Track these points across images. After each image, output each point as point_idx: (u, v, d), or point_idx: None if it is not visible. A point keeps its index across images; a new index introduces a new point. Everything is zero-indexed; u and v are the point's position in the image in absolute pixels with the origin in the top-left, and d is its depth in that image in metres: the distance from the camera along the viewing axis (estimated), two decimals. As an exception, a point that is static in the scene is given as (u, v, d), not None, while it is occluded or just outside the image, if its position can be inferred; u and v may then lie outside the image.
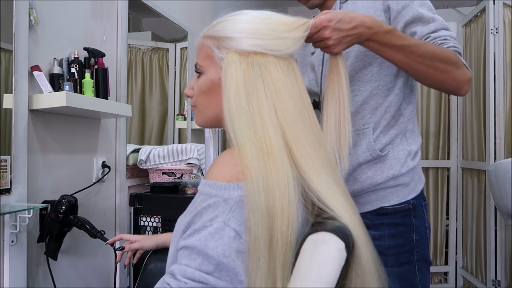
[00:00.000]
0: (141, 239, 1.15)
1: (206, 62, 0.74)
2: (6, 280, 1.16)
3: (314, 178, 0.66)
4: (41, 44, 1.31)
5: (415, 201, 1.04)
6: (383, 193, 1.03)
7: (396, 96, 1.03)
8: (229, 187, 0.62)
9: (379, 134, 1.03)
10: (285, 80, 0.69)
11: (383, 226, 1.02)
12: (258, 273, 0.59)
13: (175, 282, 0.60)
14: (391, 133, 1.03)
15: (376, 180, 1.03)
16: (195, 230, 0.62)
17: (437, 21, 0.97)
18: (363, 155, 1.03)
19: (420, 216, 1.04)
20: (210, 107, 0.75)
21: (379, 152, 1.02)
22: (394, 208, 1.03)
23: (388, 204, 1.03)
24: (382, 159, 1.03)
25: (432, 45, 0.92)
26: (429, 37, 0.95)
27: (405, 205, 1.03)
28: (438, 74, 0.92)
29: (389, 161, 1.03)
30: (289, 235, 0.61)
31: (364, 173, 1.04)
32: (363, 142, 1.04)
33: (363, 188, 1.04)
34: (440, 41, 0.95)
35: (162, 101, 2.29)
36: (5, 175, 1.14)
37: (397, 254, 1.01)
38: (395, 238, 1.02)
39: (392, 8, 1.00)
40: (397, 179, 1.02)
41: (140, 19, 2.19)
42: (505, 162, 2.04)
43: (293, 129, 0.67)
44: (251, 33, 0.70)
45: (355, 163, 1.04)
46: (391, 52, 0.88)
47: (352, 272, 0.66)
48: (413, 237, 1.03)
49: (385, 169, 1.03)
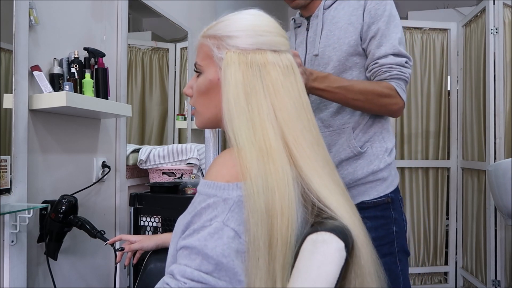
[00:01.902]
0: (141, 239, 1.15)
1: (206, 62, 0.74)
2: (6, 280, 1.16)
3: (314, 178, 0.66)
4: (41, 44, 1.31)
5: (393, 195, 1.11)
6: (363, 188, 1.11)
7: None
8: (228, 187, 0.62)
9: (358, 133, 1.12)
10: (284, 81, 0.70)
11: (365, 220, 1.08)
12: (258, 273, 0.59)
13: (174, 282, 0.60)
14: (370, 131, 1.13)
15: (357, 176, 1.10)
16: (194, 230, 0.62)
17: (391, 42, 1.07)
18: (344, 152, 1.12)
19: (398, 209, 1.12)
20: (209, 107, 0.75)
21: (359, 148, 1.10)
22: (374, 201, 1.10)
23: (369, 198, 1.10)
24: (362, 155, 1.11)
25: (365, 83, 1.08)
26: (376, 63, 1.08)
27: (384, 199, 1.10)
28: (372, 106, 1.08)
29: (368, 157, 1.11)
30: (288, 236, 0.61)
31: (345, 169, 1.11)
32: (343, 140, 1.12)
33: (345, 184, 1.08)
34: (385, 68, 1.07)
35: (162, 101, 2.29)
36: (5, 175, 1.14)
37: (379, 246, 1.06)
38: (376, 230, 1.05)
39: (364, 21, 1.10)
40: (376, 174, 1.10)
41: (140, 19, 2.19)
42: (505, 162, 2.04)
43: (292, 130, 0.67)
44: (251, 31, 0.70)
45: (337, 160, 1.12)
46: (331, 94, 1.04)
47: (352, 273, 0.66)
48: (393, 228, 1.10)
49: (365, 165, 1.11)
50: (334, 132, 1.14)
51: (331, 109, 1.14)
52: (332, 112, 1.14)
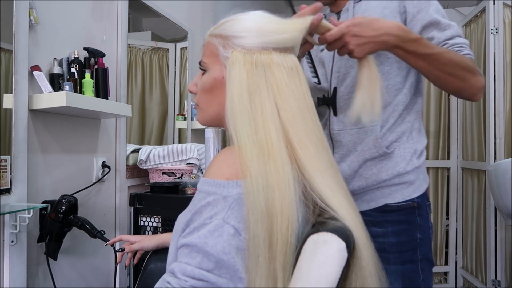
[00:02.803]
0: (141, 239, 1.15)
1: (211, 60, 0.74)
2: (6, 280, 1.15)
3: (318, 178, 0.66)
4: (41, 44, 1.31)
5: (419, 200, 1.04)
6: (388, 190, 1.04)
7: (404, 96, 1.04)
8: (228, 185, 0.62)
9: (386, 132, 1.04)
10: (289, 82, 0.70)
11: (387, 223, 1.03)
12: (258, 271, 0.59)
13: (175, 281, 0.60)
14: (398, 131, 1.04)
15: (381, 177, 1.03)
16: (194, 228, 0.62)
17: (453, 28, 0.99)
18: (369, 152, 1.04)
19: (424, 215, 1.04)
20: (212, 105, 0.75)
21: (385, 149, 1.03)
22: (398, 205, 1.03)
23: (393, 201, 1.03)
24: (387, 156, 1.03)
25: (454, 53, 0.94)
26: (447, 43, 0.97)
27: (409, 203, 1.03)
28: (457, 81, 0.95)
29: (395, 159, 1.03)
30: (289, 236, 0.61)
31: (369, 170, 1.05)
32: (370, 139, 1.04)
33: (368, 185, 1.04)
34: (456, 48, 0.97)
35: (162, 101, 2.29)
36: (5, 175, 1.14)
37: (400, 252, 1.01)
38: (398, 236, 1.02)
39: (408, 11, 1.02)
40: (402, 176, 1.03)
41: (140, 19, 2.19)
42: (505, 162, 2.04)
43: (297, 130, 0.68)
44: (258, 31, 0.71)
45: (361, 159, 1.05)
46: (416, 60, 0.91)
47: (353, 274, 0.66)
48: (417, 235, 1.03)
49: (390, 166, 1.03)
50: (361, 130, 1.06)
51: None
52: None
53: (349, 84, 1.06)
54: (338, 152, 1.09)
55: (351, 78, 1.05)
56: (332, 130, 1.10)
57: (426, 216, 1.05)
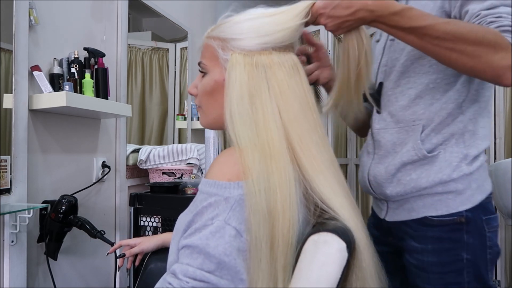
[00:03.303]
0: (140, 242, 1.15)
1: (211, 63, 0.74)
2: (6, 280, 1.15)
3: (318, 179, 0.66)
4: (41, 44, 1.31)
5: (469, 214, 0.88)
6: (430, 200, 0.91)
7: (457, 92, 0.90)
8: (230, 186, 0.62)
9: (430, 132, 0.91)
10: (290, 81, 0.70)
11: (427, 240, 0.91)
12: (260, 275, 0.59)
13: (176, 282, 0.60)
14: (445, 132, 0.90)
15: (420, 184, 0.91)
16: (196, 229, 0.62)
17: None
18: (407, 154, 0.92)
19: (477, 232, 0.89)
20: (214, 108, 0.74)
21: (426, 152, 0.90)
22: (440, 220, 0.90)
23: (435, 213, 0.90)
24: (429, 160, 0.90)
25: (458, 25, 0.77)
26: (479, 15, 0.80)
27: (455, 218, 0.89)
28: (465, 59, 0.76)
29: (438, 164, 0.90)
30: (290, 237, 0.61)
31: (408, 175, 0.93)
32: (410, 139, 0.93)
33: (407, 192, 0.93)
34: (490, 19, 0.78)
35: (162, 101, 2.29)
36: (5, 175, 1.14)
37: (442, 273, 0.90)
38: (440, 255, 0.90)
39: None
40: (446, 185, 0.89)
41: (140, 19, 2.19)
42: (505, 162, 2.03)
43: (298, 130, 0.67)
44: (255, 32, 0.70)
45: (398, 162, 0.93)
46: (404, 35, 0.79)
47: (353, 275, 0.65)
48: (463, 255, 0.88)
49: (432, 172, 0.90)
50: (402, 129, 0.94)
51: (402, 102, 0.95)
52: (403, 105, 0.95)
53: (393, 79, 0.96)
54: (378, 153, 1.00)
55: (396, 73, 0.96)
56: (374, 129, 1.01)
57: (482, 234, 0.89)
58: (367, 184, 1.02)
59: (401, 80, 0.95)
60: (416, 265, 0.93)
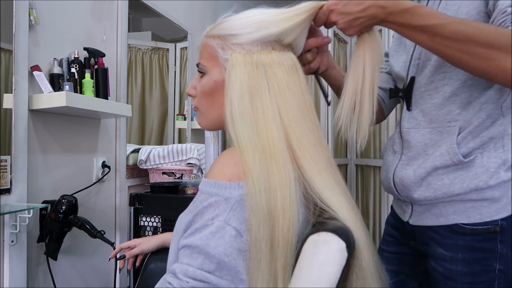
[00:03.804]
0: (140, 242, 1.14)
1: (210, 63, 0.73)
2: (6, 280, 1.15)
3: (317, 179, 0.66)
4: (41, 44, 1.31)
5: (504, 223, 0.83)
6: (462, 207, 0.85)
7: (499, 91, 0.83)
8: (230, 186, 0.62)
9: (467, 135, 0.84)
10: (289, 81, 0.69)
11: (457, 248, 0.86)
12: (260, 275, 0.59)
13: (176, 281, 0.60)
14: (484, 135, 0.84)
15: (453, 190, 0.85)
16: (196, 229, 0.62)
17: None
18: (441, 158, 0.85)
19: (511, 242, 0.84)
20: (213, 108, 0.74)
21: (462, 157, 0.83)
22: (473, 228, 0.84)
23: (467, 221, 0.84)
24: (465, 165, 0.84)
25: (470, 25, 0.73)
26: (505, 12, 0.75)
27: (489, 226, 0.83)
28: (475, 60, 0.72)
29: (475, 169, 0.83)
30: (290, 237, 0.61)
31: (440, 179, 0.86)
32: (444, 142, 0.86)
33: (437, 197, 0.87)
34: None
35: (162, 101, 2.29)
36: (5, 175, 1.14)
37: (471, 284, 0.85)
38: (470, 265, 0.85)
39: None
40: (482, 192, 0.83)
41: (140, 19, 2.19)
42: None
43: (297, 131, 0.67)
44: (255, 26, 0.69)
45: (430, 166, 0.87)
46: (413, 34, 0.75)
47: (353, 275, 0.65)
48: (495, 266, 0.84)
49: (467, 178, 0.84)
50: (435, 129, 0.87)
51: (436, 99, 0.88)
52: (437, 103, 0.88)
53: (427, 74, 0.89)
54: (406, 154, 0.93)
55: (430, 67, 0.89)
56: (403, 128, 0.94)
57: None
58: (392, 185, 0.96)
59: (435, 76, 0.88)
60: (443, 273, 0.88)
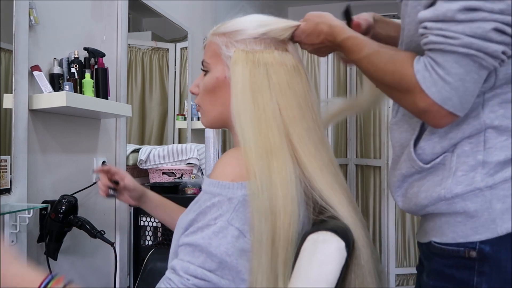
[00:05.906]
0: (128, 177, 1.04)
1: (213, 60, 0.75)
2: (6, 280, 1.15)
3: (318, 177, 0.67)
4: (41, 44, 1.31)
5: (487, 248, 0.62)
6: (439, 222, 0.68)
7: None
8: (233, 186, 0.63)
9: (430, 135, 0.68)
10: (291, 80, 0.71)
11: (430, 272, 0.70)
12: (260, 269, 0.60)
13: (177, 278, 0.60)
14: (455, 133, 0.66)
15: (420, 200, 0.69)
16: (198, 228, 0.62)
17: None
18: (405, 164, 0.71)
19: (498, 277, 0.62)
20: (216, 105, 0.75)
21: (421, 163, 0.68)
22: (442, 248, 0.67)
23: (440, 239, 0.67)
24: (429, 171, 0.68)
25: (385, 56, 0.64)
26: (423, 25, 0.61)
27: (461, 249, 0.63)
28: (396, 98, 0.67)
29: (441, 173, 0.66)
30: (290, 232, 0.62)
31: (411, 187, 0.72)
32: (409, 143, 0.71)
33: (411, 209, 0.73)
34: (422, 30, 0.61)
35: (162, 101, 2.29)
36: (5, 175, 1.14)
37: None
38: None
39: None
40: (450, 202, 0.64)
41: (140, 19, 2.19)
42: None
43: (298, 129, 0.68)
44: (257, 22, 0.72)
45: (399, 173, 0.73)
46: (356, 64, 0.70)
47: (352, 273, 0.66)
48: None
49: (430, 185, 0.67)
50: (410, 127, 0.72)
51: None
52: None
53: None
54: (392, 156, 0.79)
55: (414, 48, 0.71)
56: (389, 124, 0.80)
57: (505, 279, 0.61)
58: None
59: None
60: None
